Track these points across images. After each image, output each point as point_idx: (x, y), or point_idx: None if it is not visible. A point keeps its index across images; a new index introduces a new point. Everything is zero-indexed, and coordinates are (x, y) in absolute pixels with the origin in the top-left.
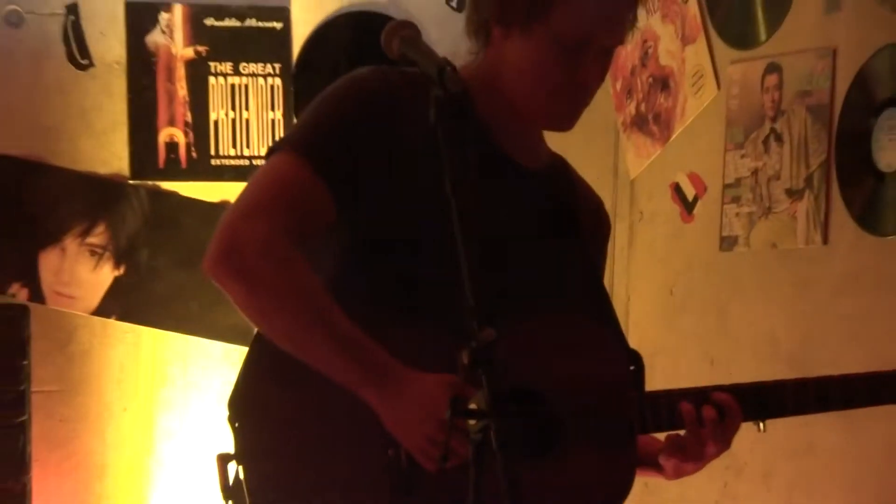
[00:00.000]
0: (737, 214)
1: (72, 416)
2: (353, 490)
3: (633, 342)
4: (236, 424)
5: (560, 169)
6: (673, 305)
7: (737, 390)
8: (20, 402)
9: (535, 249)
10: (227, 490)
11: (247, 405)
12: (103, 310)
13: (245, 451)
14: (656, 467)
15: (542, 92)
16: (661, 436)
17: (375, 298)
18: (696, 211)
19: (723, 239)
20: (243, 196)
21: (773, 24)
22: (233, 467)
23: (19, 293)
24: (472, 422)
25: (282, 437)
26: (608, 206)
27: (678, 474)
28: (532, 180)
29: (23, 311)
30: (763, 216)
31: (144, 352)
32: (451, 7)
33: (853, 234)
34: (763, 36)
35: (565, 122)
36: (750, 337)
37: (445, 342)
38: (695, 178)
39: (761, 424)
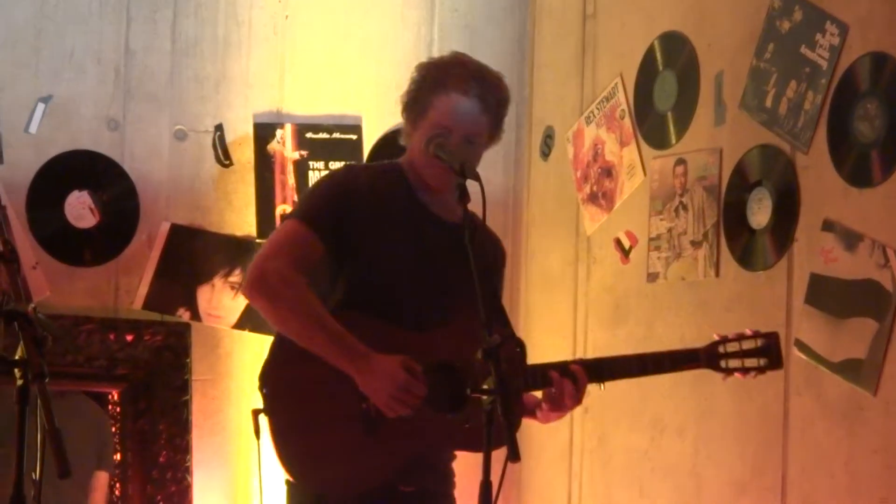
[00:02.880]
0: (658, 258)
1: (219, 396)
2: (337, 429)
3: (589, 344)
4: (264, 390)
5: (469, 221)
6: (616, 319)
7: (584, 363)
8: (185, 387)
9: (449, 275)
10: (258, 433)
11: (271, 377)
12: (240, 325)
13: (270, 406)
14: (532, 415)
15: (423, 161)
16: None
17: (355, 305)
18: (631, 256)
19: (649, 274)
20: (265, 246)
21: (680, 133)
22: (262, 419)
23: (184, 314)
24: (484, 397)
25: (293, 396)
26: (572, 254)
27: (546, 420)
28: (448, 228)
29: (187, 327)
30: (675, 259)
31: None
32: None
33: (735, 270)
34: (674, 140)
35: (440, 183)
36: (667, 340)
37: (400, 333)
38: (630, 234)
39: (602, 385)
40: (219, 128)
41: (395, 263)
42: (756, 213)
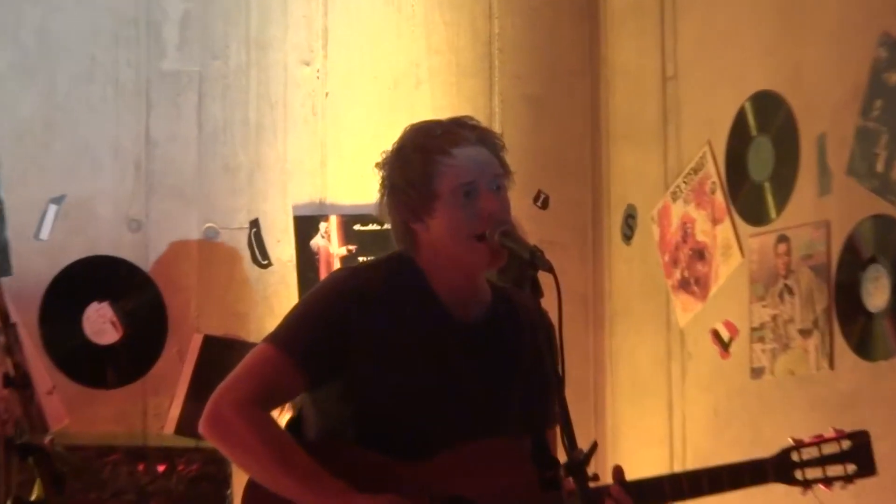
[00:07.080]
0: (763, 350)
1: None
2: None
3: (690, 453)
4: None
5: (500, 310)
6: (718, 424)
7: (624, 485)
8: None
9: (472, 391)
10: None
11: None
12: None
13: None
14: None
15: (464, 236)
16: None
17: (348, 434)
18: (731, 349)
19: (753, 370)
20: (229, 376)
21: (781, 205)
22: None
23: None
24: None
25: None
26: (663, 351)
27: None
28: (468, 331)
29: None
30: (783, 351)
31: None
32: (537, 206)
33: (852, 361)
34: (773, 215)
35: (481, 267)
36: (778, 445)
37: (397, 466)
38: (729, 325)
39: None
40: (254, 223)
41: (399, 386)
42: (872, 294)
